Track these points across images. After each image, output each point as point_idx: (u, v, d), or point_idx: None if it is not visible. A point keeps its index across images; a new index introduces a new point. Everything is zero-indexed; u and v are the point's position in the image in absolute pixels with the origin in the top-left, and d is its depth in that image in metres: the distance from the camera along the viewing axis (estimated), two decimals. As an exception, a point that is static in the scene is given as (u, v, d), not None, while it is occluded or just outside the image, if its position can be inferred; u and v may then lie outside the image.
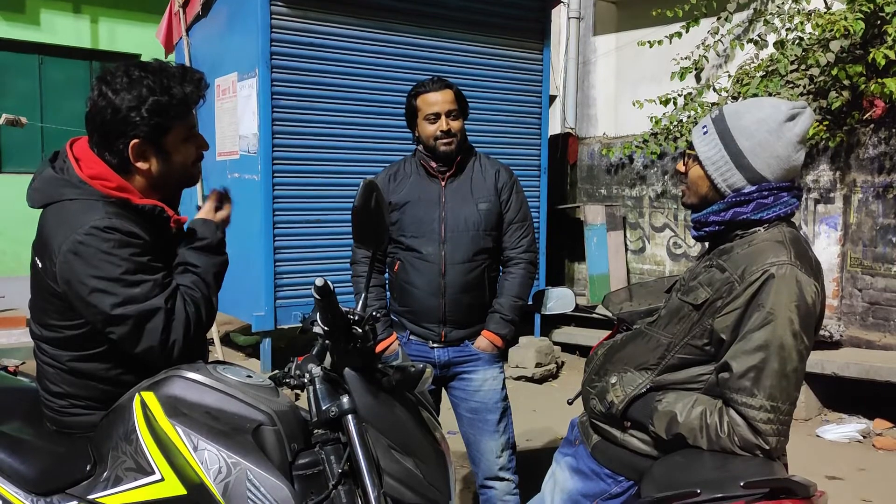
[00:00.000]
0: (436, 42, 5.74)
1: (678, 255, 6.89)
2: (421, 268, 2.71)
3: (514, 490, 2.80)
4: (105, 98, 1.70)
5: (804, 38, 5.71)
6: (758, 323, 1.63)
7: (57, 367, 1.76)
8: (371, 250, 1.90)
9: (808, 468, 3.47)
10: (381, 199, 1.82)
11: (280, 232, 5.24)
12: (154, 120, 1.72)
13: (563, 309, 2.66)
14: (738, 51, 6.40)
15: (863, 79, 5.21)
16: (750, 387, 1.63)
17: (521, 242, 2.81)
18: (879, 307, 5.48)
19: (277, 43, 5.10)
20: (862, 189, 5.53)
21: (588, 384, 1.96)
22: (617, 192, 7.33)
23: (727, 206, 1.75)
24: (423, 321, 2.74)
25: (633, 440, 1.83)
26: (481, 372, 2.76)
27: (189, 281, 1.78)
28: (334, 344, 1.74)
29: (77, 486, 1.65)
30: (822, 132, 5.48)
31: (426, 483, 1.73)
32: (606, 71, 7.58)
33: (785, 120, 1.70)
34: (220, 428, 1.58)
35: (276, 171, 5.18)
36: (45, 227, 1.72)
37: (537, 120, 6.37)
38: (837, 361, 4.96)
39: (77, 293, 1.65)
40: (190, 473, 1.54)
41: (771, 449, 1.63)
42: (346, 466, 1.64)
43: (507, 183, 2.80)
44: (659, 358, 1.80)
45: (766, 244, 1.70)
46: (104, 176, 1.73)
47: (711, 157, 1.76)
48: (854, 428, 4.80)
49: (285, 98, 5.18)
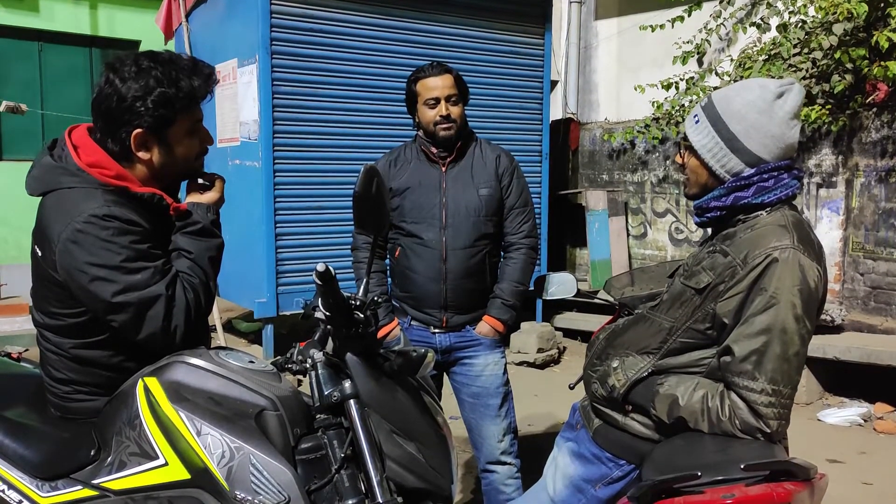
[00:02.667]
0: (436, 27, 5.71)
1: (680, 240, 6.89)
2: (422, 253, 2.71)
3: (516, 474, 2.81)
4: (112, 86, 1.69)
5: (807, 22, 5.68)
6: (760, 307, 1.63)
7: (60, 354, 1.76)
8: (372, 236, 1.90)
9: (809, 452, 3.47)
10: (382, 184, 1.81)
11: (281, 218, 5.24)
12: (159, 111, 1.70)
13: (565, 294, 2.66)
14: (740, 34, 6.36)
15: (866, 62, 5.18)
16: (751, 370, 1.63)
17: (522, 228, 2.81)
18: (881, 291, 5.48)
19: (278, 29, 5.08)
20: (864, 173, 5.51)
21: (590, 368, 1.96)
22: (619, 178, 7.31)
23: (728, 190, 1.75)
24: (424, 307, 2.75)
25: (635, 424, 1.84)
26: (483, 357, 2.77)
27: (185, 266, 1.77)
28: (336, 329, 1.74)
29: (81, 471, 1.66)
30: (824, 116, 5.46)
31: (428, 467, 1.74)
32: (608, 56, 7.54)
33: (774, 98, 1.70)
34: (223, 413, 1.59)
35: (276, 157, 5.18)
36: (44, 215, 1.71)
37: (539, 105, 6.35)
38: (839, 346, 4.97)
39: (77, 281, 1.64)
40: (193, 458, 1.55)
41: (772, 432, 1.63)
42: (349, 451, 1.65)
43: (508, 168, 2.80)
44: (661, 342, 1.81)
45: (768, 228, 1.70)
46: (103, 164, 1.72)
47: (706, 145, 1.76)
48: (855, 412, 4.81)
49: (286, 84, 5.16)
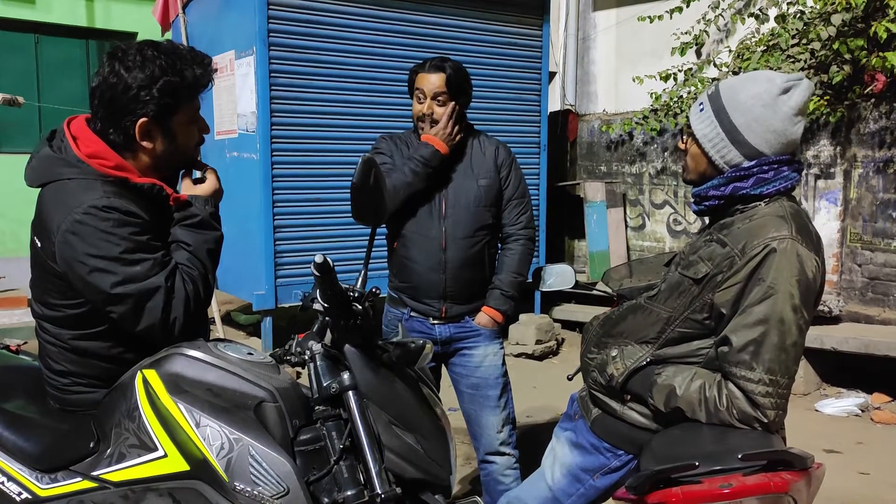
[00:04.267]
0: (434, 19, 5.69)
1: (678, 231, 6.89)
2: (421, 244, 2.70)
3: (515, 465, 2.82)
4: (117, 75, 1.69)
5: (805, 12, 5.67)
6: (758, 297, 1.63)
7: (59, 346, 1.76)
8: (370, 227, 1.90)
9: (806, 442, 3.49)
10: (380, 175, 1.81)
11: (279, 211, 5.23)
12: (164, 100, 1.71)
13: (563, 286, 2.66)
14: (738, 25, 6.34)
15: (864, 53, 5.18)
16: (749, 360, 1.63)
17: (519, 219, 2.81)
18: (879, 282, 5.49)
19: (275, 20, 5.06)
20: (862, 164, 5.51)
21: (587, 356, 1.97)
22: (617, 169, 7.31)
23: (727, 180, 1.75)
24: (423, 297, 2.75)
25: (633, 414, 1.84)
26: (482, 348, 2.77)
27: (184, 258, 1.77)
28: (334, 320, 1.74)
29: (81, 463, 1.66)
30: (822, 107, 5.45)
31: (427, 458, 1.75)
32: (606, 47, 7.52)
33: (779, 93, 1.69)
34: (222, 404, 1.59)
35: (274, 149, 5.16)
36: (44, 206, 1.71)
37: (537, 97, 6.33)
38: (837, 336, 4.98)
39: (77, 273, 1.64)
40: (193, 449, 1.56)
41: (769, 422, 1.64)
42: (348, 442, 1.66)
43: (507, 160, 2.79)
44: (659, 332, 1.81)
45: (766, 219, 1.70)
46: (102, 154, 1.72)
47: (707, 135, 1.76)
48: (853, 402, 4.83)
49: (283, 76, 5.14)
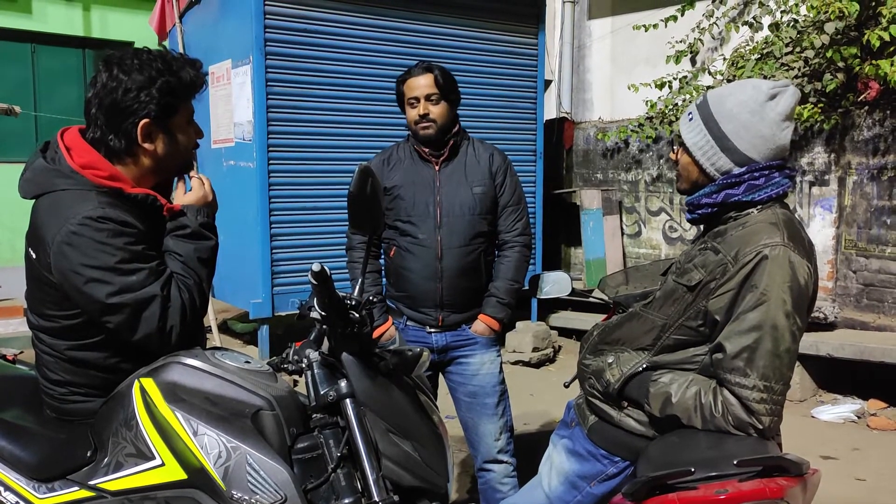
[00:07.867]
0: (430, 27, 5.72)
1: (674, 238, 6.91)
2: (417, 252, 2.71)
3: (513, 472, 2.82)
4: (116, 79, 1.71)
5: (799, 21, 5.70)
6: (751, 304, 1.64)
7: (55, 356, 1.77)
8: (367, 235, 1.90)
9: (802, 448, 3.49)
10: (377, 184, 1.82)
11: (276, 219, 5.24)
12: (165, 100, 1.73)
13: (560, 293, 2.67)
14: (733, 33, 6.38)
15: (857, 61, 5.21)
16: (743, 367, 1.64)
17: (515, 226, 2.82)
18: (874, 288, 5.51)
19: (271, 29, 5.08)
20: (857, 171, 5.54)
21: (583, 363, 1.98)
22: (613, 177, 7.33)
23: (719, 188, 1.77)
24: (420, 306, 2.75)
25: (630, 421, 1.85)
26: (479, 356, 2.78)
27: (178, 268, 1.78)
28: (332, 329, 1.75)
29: (78, 472, 1.67)
30: (816, 114, 5.48)
31: (425, 465, 1.75)
32: (602, 55, 7.56)
33: (766, 100, 1.72)
34: (220, 413, 1.60)
35: (271, 158, 5.17)
36: (38, 217, 1.71)
37: (532, 105, 6.36)
38: (832, 343, 4.99)
39: (72, 283, 1.65)
40: (190, 458, 1.56)
41: (764, 428, 1.65)
42: (345, 450, 1.66)
43: (502, 166, 2.80)
44: (654, 339, 1.82)
45: (759, 226, 1.71)
46: (96, 165, 1.72)
47: (697, 143, 1.78)
48: (849, 408, 4.83)
49: (280, 85, 5.16)
